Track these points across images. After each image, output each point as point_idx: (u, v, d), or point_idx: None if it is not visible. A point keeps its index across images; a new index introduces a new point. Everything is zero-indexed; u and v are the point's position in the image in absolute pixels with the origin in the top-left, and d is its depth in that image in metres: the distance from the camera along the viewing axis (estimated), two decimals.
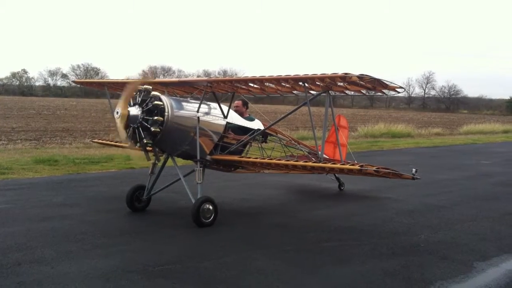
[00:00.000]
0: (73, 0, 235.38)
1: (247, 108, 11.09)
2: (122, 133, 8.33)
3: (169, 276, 6.41)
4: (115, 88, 11.17)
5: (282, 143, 11.23)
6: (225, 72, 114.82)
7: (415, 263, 7.17)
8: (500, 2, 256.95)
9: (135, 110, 8.42)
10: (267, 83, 9.06)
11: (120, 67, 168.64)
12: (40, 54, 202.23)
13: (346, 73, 7.52)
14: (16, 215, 9.34)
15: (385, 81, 7.70)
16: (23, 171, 14.36)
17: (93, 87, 14.25)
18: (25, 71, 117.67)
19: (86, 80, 22.32)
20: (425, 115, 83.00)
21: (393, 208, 10.95)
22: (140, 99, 8.52)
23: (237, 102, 10.94)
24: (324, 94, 8.61)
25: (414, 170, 8.29)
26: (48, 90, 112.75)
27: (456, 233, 8.93)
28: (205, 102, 9.60)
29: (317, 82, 8.35)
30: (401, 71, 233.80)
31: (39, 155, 16.89)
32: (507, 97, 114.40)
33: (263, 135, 10.71)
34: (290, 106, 16.81)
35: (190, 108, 9.19)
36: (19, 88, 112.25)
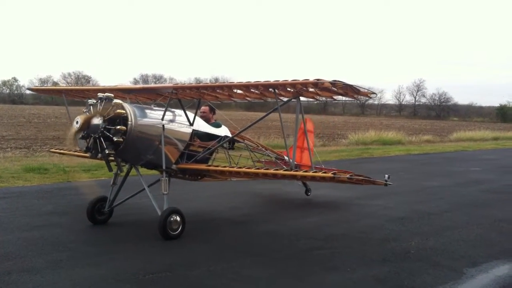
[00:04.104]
0: (63, 8, 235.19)
1: (214, 114, 10.81)
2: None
3: (159, 285, 6.38)
4: (73, 95, 10.95)
5: (249, 149, 10.95)
6: (216, 80, 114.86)
7: (405, 270, 7.18)
8: (491, 10, 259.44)
9: (96, 119, 7.95)
10: (236, 90, 8.78)
11: (112, 75, 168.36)
12: (31, 62, 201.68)
13: (318, 79, 7.30)
14: (6, 224, 9.27)
15: (357, 87, 7.55)
16: (13, 179, 14.27)
17: (51, 95, 13.63)
18: (15, 79, 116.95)
19: (43, 87, 21.61)
20: (415, 123, 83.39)
21: (384, 215, 10.97)
22: (101, 108, 8.07)
23: (204, 108, 10.67)
24: (294, 100, 8.35)
25: (386, 176, 8.15)
26: (39, 98, 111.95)
27: (446, 240, 8.96)
28: (169, 109, 9.27)
29: (288, 89, 8.06)
30: (392, 79, 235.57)
31: (29, 164, 16.80)
32: (497, 105, 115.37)
33: (230, 142, 10.41)
34: (261, 112, 16.42)
35: (155, 116, 8.80)
36: (9, 96, 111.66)
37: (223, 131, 10.30)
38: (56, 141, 28.51)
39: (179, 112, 9.32)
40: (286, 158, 11.42)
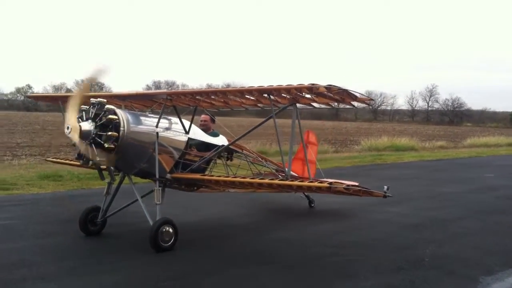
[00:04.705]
0: (77, 15, 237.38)
1: (214, 123, 10.50)
2: (81, 144, 7.67)
3: None
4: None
5: (248, 160, 10.51)
6: (228, 86, 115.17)
7: (420, 278, 7.12)
8: (505, 15, 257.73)
9: (87, 125, 7.73)
10: (231, 96, 8.59)
11: (125, 82, 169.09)
12: (45, 69, 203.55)
13: (313, 84, 7.08)
14: (21, 231, 9.34)
15: (354, 92, 7.32)
16: (27, 186, 14.41)
17: (48, 102, 13.24)
18: (29, 86, 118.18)
19: (40, 94, 21.67)
20: (429, 128, 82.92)
21: (398, 222, 10.90)
22: (93, 113, 7.86)
23: (205, 117, 10.34)
24: (290, 107, 8.15)
25: (385, 187, 7.72)
26: (53, 105, 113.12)
27: (461, 247, 8.88)
28: (165, 116, 9.04)
29: (283, 94, 7.88)
30: (404, 84, 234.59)
31: (44, 171, 16.94)
32: (511, 110, 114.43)
33: (229, 152, 10.14)
34: (257, 118, 16.18)
35: (149, 122, 8.56)
36: (23, 103, 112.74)
37: (221, 140, 10.00)
38: (70, 148, 28.65)
39: (175, 120, 9.07)
40: (286, 170, 11.20)
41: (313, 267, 7.60)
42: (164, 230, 8.09)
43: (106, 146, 7.77)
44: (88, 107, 7.97)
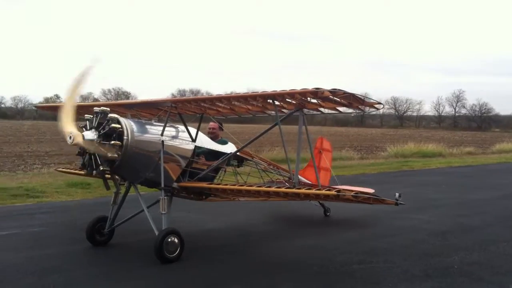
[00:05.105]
0: (103, 25, 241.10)
1: (222, 130, 10.27)
2: (91, 145, 7.58)
3: None
4: (80, 112, 10.85)
5: (258, 168, 10.18)
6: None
7: (449, 286, 7.02)
8: None
9: (90, 134, 7.63)
10: (236, 102, 8.50)
11: (150, 91, 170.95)
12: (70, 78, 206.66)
13: (317, 88, 6.90)
14: (50, 238, 9.51)
15: (360, 96, 7.21)
16: (56, 194, 14.66)
17: (55, 112, 12.49)
18: (57, 96, 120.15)
19: (48, 104, 21.75)
20: (456, 134, 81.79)
21: (425, 229, 10.77)
22: (96, 122, 7.78)
23: (213, 124, 10.09)
24: (297, 113, 8.00)
25: (397, 194, 7.45)
26: (81, 114, 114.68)
27: (490, 255, 8.73)
28: (172, 124, 8.94)
29: (288, 100, 7.75)
30: (431, 90, 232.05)
31: (72, 179, 17.14)
32: None
33: (238, 160, 9.92)
34: (264, 125, 15.96)
35: (154, 131, 8.42)
36: (52, 113, 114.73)
37: (229, 148, 9.73)
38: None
39: (182, 128, 8.96)
40: (300, 177, 11.01)
41: (340, 274, 7.56)
42: (169, 240, 7.87)
43: (109, 155, 7.67)
44: (91, 116, 7.90)
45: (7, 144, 37.60)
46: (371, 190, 10.53)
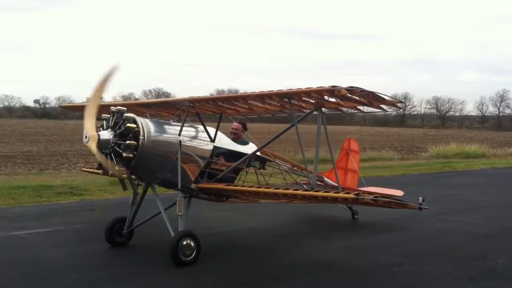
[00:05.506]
0: (147, 28, 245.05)
1: (246, 130, 9.94)
2: (99, 155, 7.41)
3: None
4: (101, 112, 10.87)
5: (281, 169, 9.92)
6: None
7: None
8: None
9: (106, 134, 7.57)
10: (252, 101, 8.30)
11: (189, 91, 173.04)
12: (115, 80, 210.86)
13: (333, 86, 6.67)
14: (92, 235, 9.70)
15: (381, 95, 6.93)
16: (99, 192, 14.98)
17: (77, 111, 12.34)
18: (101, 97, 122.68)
19: (71, 104, 21.93)
20: (500, 135, 79.60)
21: (469, 231, 10.55)
22: (113, 122, 7.70)
23: (236, 125, 9.81)
24: (315, 112, 7.79)
25: (421, 199, 7.11)
26: None
27: None
28: (191, 124, 8.81)
29: (305, 98, 7.53)
30: (474, 90, 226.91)
31: (114, 177, 17.49)
32: None
33: (261, 161, 9.71)
34: (283, 124, 15.51)
35: (172, 131, 8.28)
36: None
37: (250, 148, 9.42)
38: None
39: (201, 128, 8.77)
40: (326, 179, 10.84)
41: (381, 276, 7.48)
42: (185, 243, 7.67)
43: (125, 155, 7.54)
44: (109, 116, 7.84)
45: (51, 143, 38.71)
46: (399, 193, 10.41)
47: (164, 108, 9.68)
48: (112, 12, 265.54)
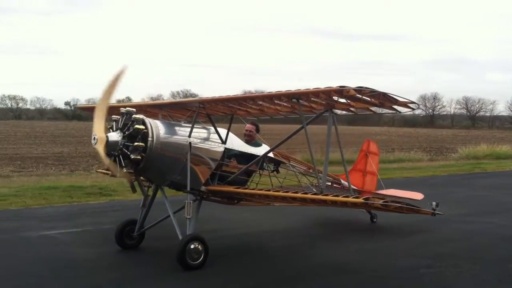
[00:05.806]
0: (176, 31, 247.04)
1: (258, 132, 9.67)
2: (106, 159, 7.32)
3: None
4: (111, 113, 10.73)
5: (295, 171, 9.59)
6: None
7: None
8: None
9: (115, 136, 7.47)
10: (261, 102, 8.19)
11: (216, 92, 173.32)
12: (142, 81, 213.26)
13: (342, 86, 6.49)
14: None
15: (393, 96, 6.68)
16: (127, 193, 15.10)
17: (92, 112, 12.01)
18: (129, 99, 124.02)
19: (89, 105, 22.01)
20: None
21: (498, 233, 10.37)
22: (122, 123, 7.61)
23: (250, 127, 9.54)
24: (326, 114, 7.58)
25: (434, 203, 6.77)
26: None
27: None
28: (202, 126, 8.71)
29: (313, 99, 7.36)
30: (505, 90, 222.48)
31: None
32: None
33: (274, 163, 9.49)
34: (293, 125, 15.13)
35: (182, 132, 8.14)
36: None
37: (263, 150, 9.07)
38: None
39: (212, 129, 8.62)
40: (343, 182, 10.46)
41: (407, 278, 7.40)
42: (192, 247, 7.56)
43: (133, 157, 7.45)
44: (119, 117, 7.75)
45: (81, 144, 39.32)
46: (419, 196, 10.21)
47: (175, 109, 9.64)
48: (141, 16, 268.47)
